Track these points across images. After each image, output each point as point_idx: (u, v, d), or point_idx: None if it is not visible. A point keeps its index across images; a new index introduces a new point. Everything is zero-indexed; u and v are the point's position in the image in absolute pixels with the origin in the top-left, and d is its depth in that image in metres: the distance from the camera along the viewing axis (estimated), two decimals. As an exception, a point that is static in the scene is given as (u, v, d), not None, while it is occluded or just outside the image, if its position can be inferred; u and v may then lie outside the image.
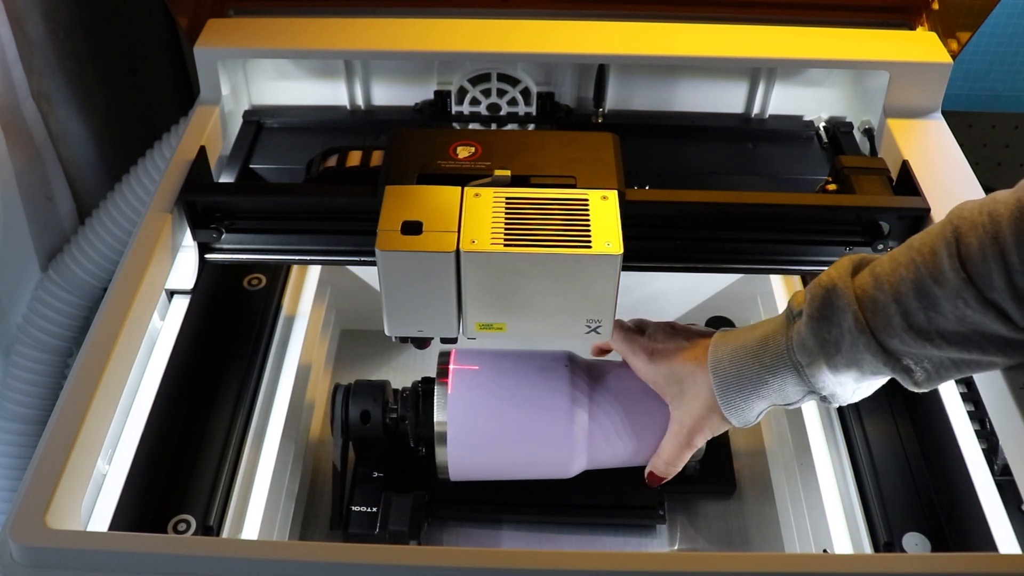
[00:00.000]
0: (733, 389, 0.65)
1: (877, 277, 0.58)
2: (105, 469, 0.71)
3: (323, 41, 0.91)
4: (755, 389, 0.64)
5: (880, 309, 0.57)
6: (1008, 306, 0.53)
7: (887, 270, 0.58)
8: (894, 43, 0.91)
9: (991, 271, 0.53)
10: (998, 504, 0.69)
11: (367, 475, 0.84)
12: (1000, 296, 0.53)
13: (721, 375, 0.65)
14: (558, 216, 0.67)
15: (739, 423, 0.67)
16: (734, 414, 0.66)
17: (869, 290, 0.58)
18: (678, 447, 0.70)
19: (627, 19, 0.93)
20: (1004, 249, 0.52)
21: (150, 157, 1.00)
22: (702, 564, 0.57)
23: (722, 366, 0.65)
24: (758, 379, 0.64)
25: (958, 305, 0.54)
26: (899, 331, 0.57)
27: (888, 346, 0.58)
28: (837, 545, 0.72)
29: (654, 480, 0.74)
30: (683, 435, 0.69)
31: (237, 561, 0.56)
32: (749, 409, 0.65)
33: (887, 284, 0.57)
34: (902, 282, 0.56)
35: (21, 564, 0.56)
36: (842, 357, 0.60)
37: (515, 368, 0.76)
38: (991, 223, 0.53)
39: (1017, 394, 0.62)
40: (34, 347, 1.02)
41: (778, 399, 0.64)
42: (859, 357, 0.59)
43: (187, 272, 0.80)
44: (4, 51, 0.92)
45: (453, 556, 0.56)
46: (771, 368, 0.63)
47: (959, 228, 0.55)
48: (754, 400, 0.65)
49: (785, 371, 0.62)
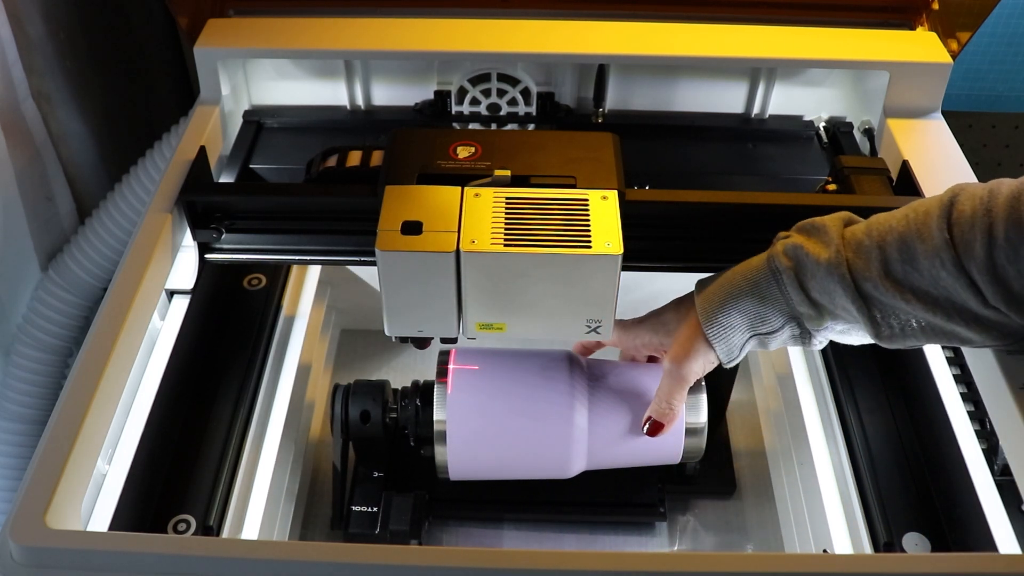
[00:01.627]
0: (714, 305, 0.65)
1: (869, 225, 0.62)
2: (105, 469, 0.71)
3: (323, 41, 0.91)
4: (735, 301, 0.65)
5: (862, 251, 0.60)
6: (980, 279, 0.55)
7: (881, 221, 0.61)
8: (894, 43, 0.91)
9: (974, 240, 0.55)
10: (998, 504, 0.69)
11: (367, 475, 0.84)
12: (976, 267, 0.55)
13: (703, 294, 0.67)
14: (558, 216, 0.67)
15: (723, 350, 0.66)
16: (716, 333, 0.66)
17: (858, 235, 0.61)
18: (671, 382, 0.70)
19: (627, 19, 0.93)
20: (993, 222, 0.55)
21: (150, 157, 1.00)
22: (702, 564, 0.57)
23: (704, 285, 0.68)
24: (738, 290, 0.65)
25: (935, 264, 0.57)
26: (875, 275, 0.59)
27: (862, 288, 0.60)
28: (837, 545, 0.72)
29: (654, 427, 0.73)
30: (674, 370, 0.69)
31: (237, 561, 0.56)
32: (730, 329, 0.65)
33: (876, 232, 0.60)
34: (890, 231, 0.59)
35: (21, 564, 0.56)
36: (816, 282, 0.61)
37: (515, 368, 0.76)
38: (989, 197, 0.56)
39: (1017, 394, 0.62)
40: (34, 347, 1.02)
41: (757, 320, 0.65)
42: (832, 289, 0.61)
43: (187, 272, 0.80)
44: (4, 51, 0.92)
45: (454, 556, 0.56)
46: (751, 279, 0.64)
47: (958, 195, 0.58)
48: (734, 316, 0.65)
49: (764, 282, 0.64)
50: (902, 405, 0.78)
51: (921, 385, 0.78)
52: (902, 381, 0.79)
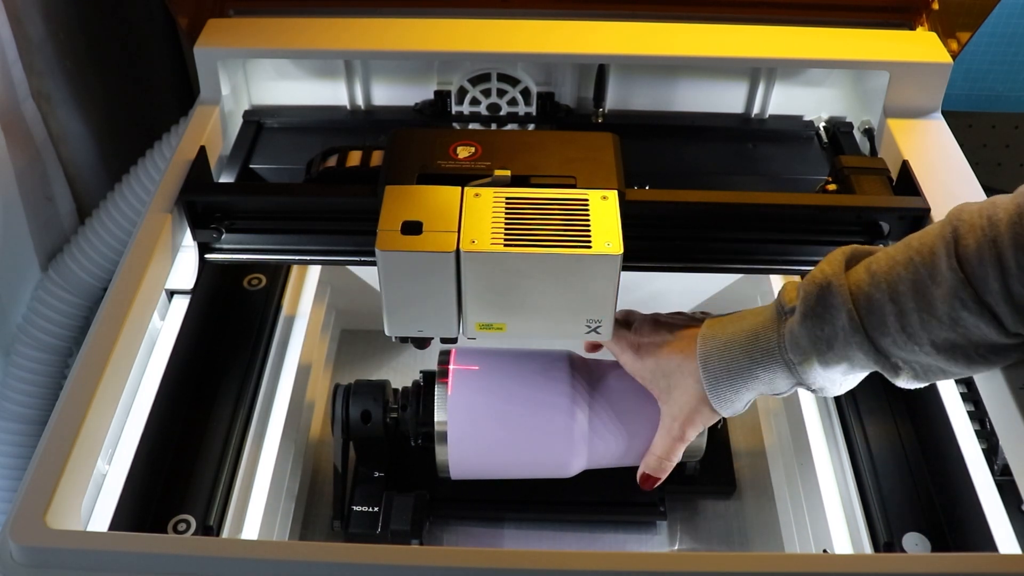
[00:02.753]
0: (723, 383, 0.65)
1: (874, 275, 0.58)
2: (105, 469, 0.71)
3: (323, 41, 0.91)
4: (745, 383, 0.64)
5: (875, 308, 0.57)
6: (1001, 310, 0.54)
7: (884, 268, 0.58)
8: (894, 43, 0.91)
9: (987, 274, 0.53)
10: (998, 504, 0.69)
11: (368, 475, 0.84)
12: (994, 299, 0.53)
13: (710, 370, 0.65)
14: (558, 216, 0.67)
15: (728, 414, 0.67)
16: (723, 406, 0.66)
17: (864, 287, 0.58)
18: (670, 442, 0.70)
19: (627, 19, 0.93)
20: (1001, 253, 0.53)
21: (150, 157, 1.00)
22: (702, 564, 0.57)
23: (711, 361, 0.65)
24: (748, 374, 0.64)
25: (954, 306, 0.54)
26: (892, 331, 0.57)
27: (880, 345, 0.58)
28: (837, 545, 0.72)
29: (648, 482, 0.73)
30: (674, 429, 0.69)
31: (237, 561, 0.56)
32: (738, 400, 0.66)
33: (884, 282, 0.57)
34: (900, 280, 0.56)
35: (21, 564, 0.56)
36: (833, 354, 0.60)
37: (515, 367, 0.76)
38: (990, 227, 0.53)
39: (1017, 394, 0.62)
40: (34, 347, 1.02)
41: (767, 390, 0.65)
42: (850, 354, 0.59)
43: (187, 272, 0.80)
44: (4, 51, 0.92)
45: (455, 556, 0.56)
46: (761, 364, 0.63)
47: (958, 229, 0.55)
48: (743, 392, 0.65)
49: (775, 367, 0.63)
50: (902, 405, 0.78)
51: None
52: (902, 381, 0.79)
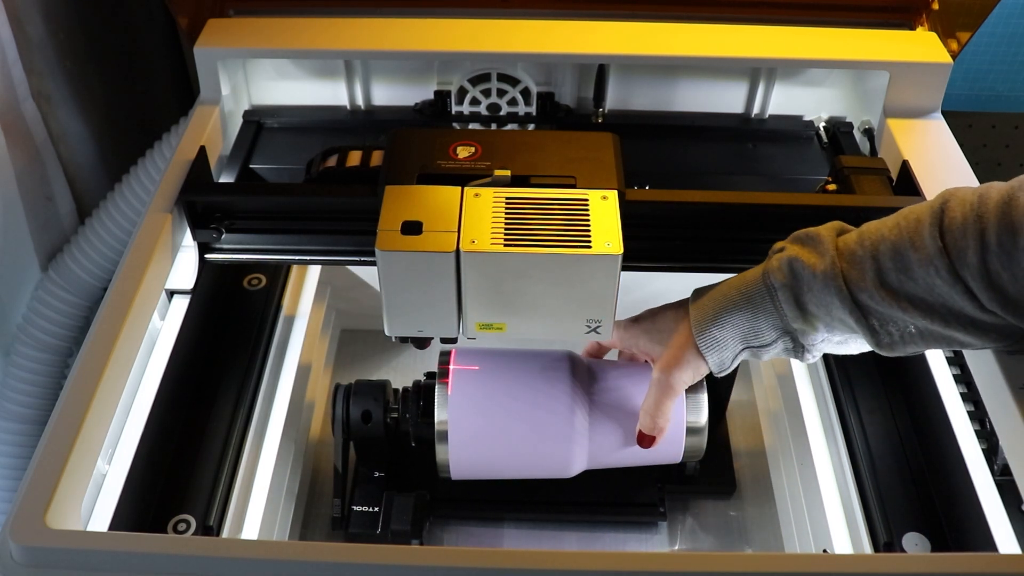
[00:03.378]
0: (708, 316, 0.66)
1: (861, 234, 0.61)
2: (105, 469, 0.71)
3: (323, 41, 0.91)
4: (729, 314, 0.65)
5: (856, 261, 0.60)
6: (975, 285, 0.55)
7: (872, 230, 0.61)
8: (894, 43, 0.91)
9: (967, 247, 0.55)
10: (998, 504, 0.69)
11: (368, 475, 0.84)
12: (970, 273, 0.55)
13: (698, 303, 0.67)
14: (558, 216, 0.67)
15: (714, 361, 0.66)
16: (708, 345, 0.66)
17: (851, 245, 0.61)
18: (658, 393, 0.70)
19: (627, 19, 0.93)
20: (985, 228, 0.54)
21: (150, 157, 1.00)
22: (702, 564, 0.57)
23: (699, 295, 0.68)
24: (732, 303, 0.65)
25: (929, 272, 0.56)
26: (870, 286, 0.59)
27: (858, 299, 0.60)
28: (837, 545, 0.72)
29: (643, 440, 0.73)
30: (662, 379, 0.69)
31: (237, 561, 0.56)
32: (723, 341, 0.66)
33: (868, 241, 0.60)
34: (882, 241, 0.59)
35: (21, 564, 0.56)
36: (813, 296, 0.61)
37: (516, 367, 0.76)
38: (979, 203, 0.56)
39: (1017, 394, 0.62)
40: (34, 347, 1.02)
41: (751, 334, 0.65)
42: (828, 301, 0.61)
43: (187, 272, 0.80)
44: (4, 51, 0.92)
45: (455, 556, 0.56)
46: (745, 293, 0.64)
47: (948, 202, 0.57)
48: (728, 328, 0.65)
49: (759, 297, 0.64)
50: (902, 405, 0.78)
51: (921, 385, 0.78)
52: (902, 381, 0.79)
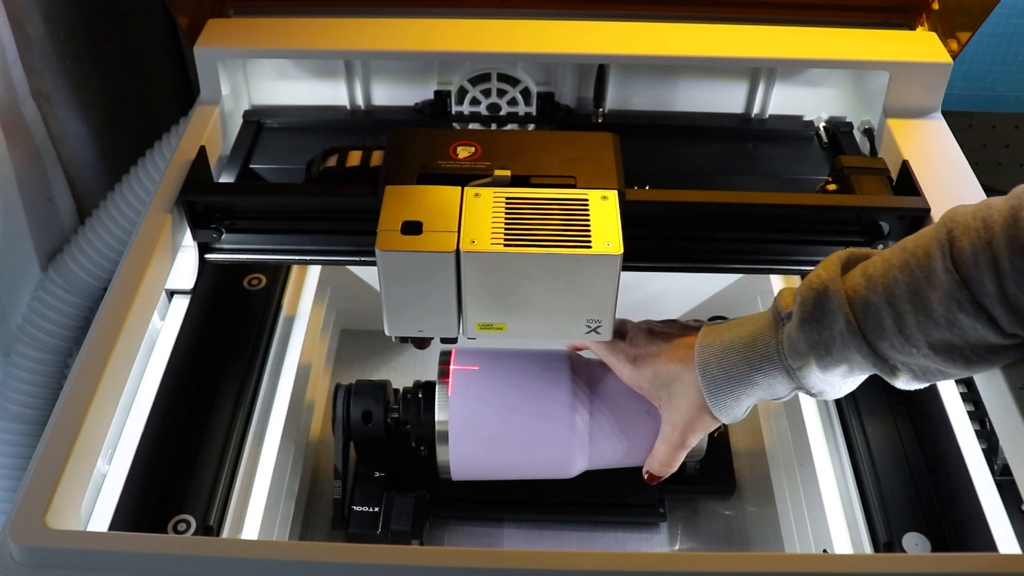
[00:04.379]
0: (723, 390, 0.65)
1: (870, 278, 0.58)
2: (105, 469, 0.71)
3: (323, 41, 0.91)
4: (744, 389, 0.64)
5: (872, 311, 0.57)
6: (997, 312, 0.54)
7: (880, 271, 0.58)
8: (894, 43, 0.91)
9: (983, 276, 0.53)
10: (998, 504, 0.69)
11: (368, 475, 0.84)
12: (990, 301, 0.54)
13: (709, 378, 0.65)
14: (558, 216, 0.66)
15: (728, 420, 0.67)
16: (723, 413, 0.66)
17: (861, 291, 0.58)
18: (671, 448, 0.70)
19: (627, 19, 0.93)
20: (996, 256, 0.53)
21: (150, 157, 1.00)
22: (702, 564, 0.57)
23: (710, 368, 0.65)
24: (747, 380, 0.64)
25: (951, 308, 0.54)
26: (889, 335, 0.57)
27: (878, 348, 0.58)
28: (837, 545, 0.72)
29: (652, 480, 0.74)
30: (675, 437, 0.69)
31: (237, 561, 0.56)
32: (738, 407, 0.66)
33: (880, 285, 0.57)
34: (896, 284, 0.56)
35: (21, 564, 0.56)
36: (832, 359, 0.60)
37: (516, 368, 0.76)
38: (984, 229, 0.54)
39: (1017, 394, 0.62)
40: (34, 347, 1.02)
41: (766, 396, 0.65)
42: (849, 357, 0.59)
43: (187, 272, 0.80)
44: (4, 51, 0.92)
45: (455, 556, 0.56)
46: (760, 369, 0.63)
47: (952, 232, 0.55)
48: (743, 399, 0.65)
49: (774, 372, 0.63)
50: (902, 405, 0.78)
51: (921, 385, 0.78)
52: (902, 381, 0.79)
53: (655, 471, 0.73)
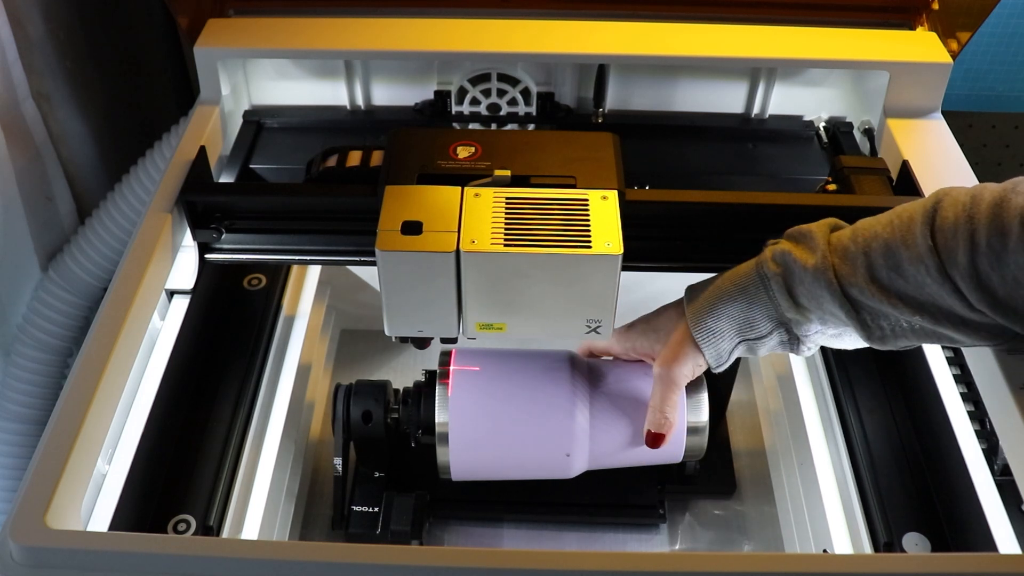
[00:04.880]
0: (704, 308, 0.66)
1: (855, 231, 0.62)
2: (105, 469, 0.71)
3: (323, 41, 0.91)
4: (724, 305, 0.65)
5: (848, 257, 0.61)
6: (964, 285, 0.56)
7: (866, 226, 0.62)
8: (894, 43, 0.91)
9: (957, 246, 0.55)
10: (998, 504, 0.69)
11: (368, 475, 0.84)
12: (959, 274, 0.56)
13: (693, 297, 0.68)
14: (558, 216, 0.67)
15: (712, 355, 0.67)
16: (704, 337, 0.66)
17: (844, 240, 0.62)
18: (662, 389, 0.70)
19: (627, 19, 0.93)
20: (975, 229, 0.55)
21: (150, 157, 1.00)
22: (702, 564, 0.57)
23: (694, 291, 0.69)
24: (727, 295, 0.65)
25: (919, 270, 0.57)
26: (861, 281, 0.60)
27: (848, 293, 0.61)
28: (837, 545, 0.72)
29: (653, 439, 0.73)
30: (664, 374, 0.69)
31: (237, 561, 0.56)
32: (719, 333, 0.66)
33: (861, 238, 0.61)
34: (875, 238, 0.60)
35: (21, 564, 0.56)
36: (804, 288, 0.62)
37: (516, 368, 0.76)
38: (971, 203, 0.56)
39: (1017, 394, 0.62)
40: (34, 347, 1.02)
41: (746, 325, 0.65)
42: (819, 294, 0.61)
43: (187, 272, 0.80)
44: (4, 51, 0.92)
45: (455, 556, 0.56)
46: (739, 284, 0.65)
47: (941, 202, 0.58)
48: (723, 320, 0.66)
49: (753, 287, 0.64)
50: (902, 405, 0.78)
51: (921, 385, 0.78)
52: (902, 381, 0.79)
53: (654, 425, 0.72)
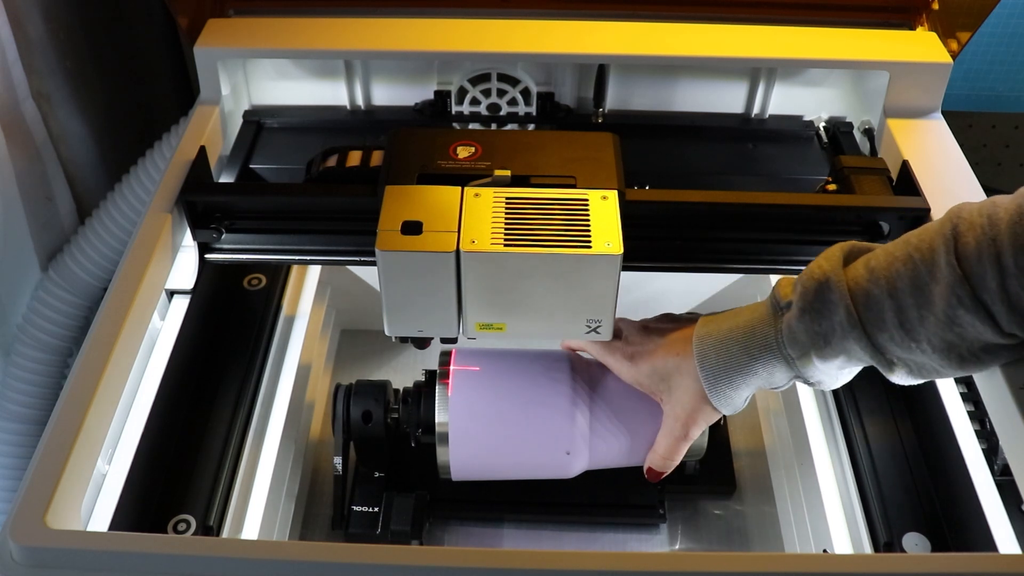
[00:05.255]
0: (722, 380, 0.65)
1: (872, 270, 0.58)
2: (105, 469, 0.71)
3: (323, 41, 0.91)
4: (743, 379, 0.64)
5: (873, 303, 0.58)
6: (997, 309, 0.54)
7: (883, 263, 0.58)
8: (894, 43, 0.91)
9: (985, 272, 0.53)
10: (998, 504, 0.69)
11: (368, 475, 0.84)
12: (991, 298, 0.54)
13: (709, 368, 0.65)
14: (558, 216, 0.67)
15: (728, 411, 0.67)
16: (723, 403, 0.66)
17: (863, 283, 0.58)
18: (674, 441, 0.70)
19: (627, 19, 0.93)
20: (1000, 252, 0.53)
21: (150, 157, 1.00)
22: (702, 564, 0.57)
23: (708, 359, 0.65)
24: (746, 369, 0.64)
25: (951, 303, 0.55)
26: (890, 327, 0.57)
27: (877, 342, 0.59)
28: (837, 545, 0.72)
29: (653, 476, 0.73)
30: (677, 429, 0.69)
31: (237, 561, 0.56)
32: (737, 397, 0.66)
33: (883, 278, 0.57)
34: (898, 277, 0.57)
35: (21, 564, 0.56)
36: (831, 349, 0.60)
37: (516, 368, 0.76)
38: (990, 226, 0.54)
39: (1017, 394, 0.62)
40: (34, 347, 1.02)
41: (765, 385, 0.65)
42: (848, 348, 0.60)
43: (187, 272, 0.80)
44: (4, 51, 0.92)
45: (455, 556, 0.56)
46: (759, 359, 0.63)
47: (958, 227, 0.55)
48: (742, 388, 0.65)
49: (773, 361, 0.63)
50: (902, 405, 0.78)
51: (921, 385, 0.77)
52: (902, 381, 0.79)
53: (656, 465, 0.72)
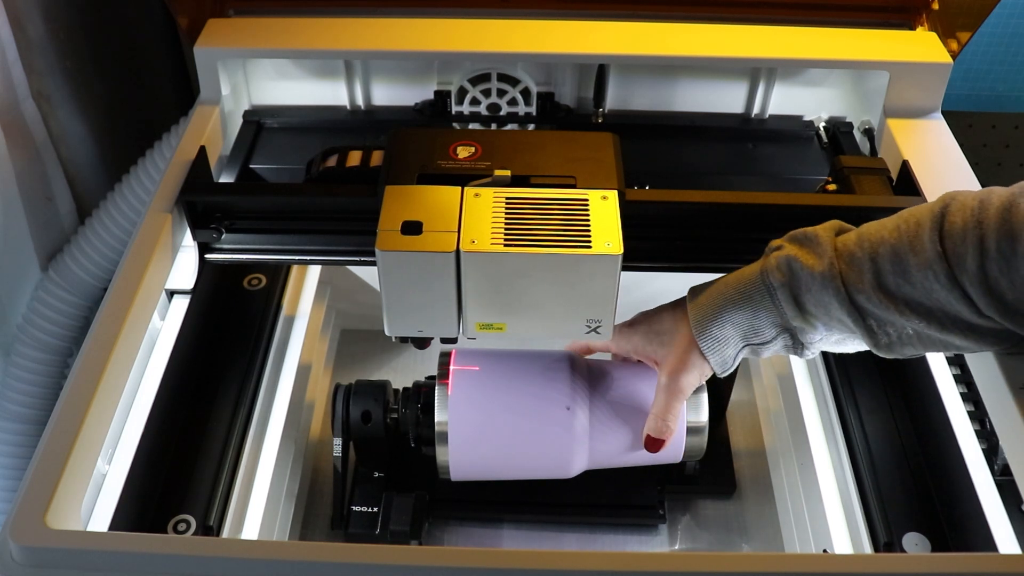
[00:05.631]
0: (708, 316, 0.66)
1: (861, 236, 0.61)
2: (105, 469, 0.71)
3: (323, 41, 0.91)
4: (728, 313, 0.65)
5: (855, 263, 0.60)
6: (973, 291, 0.55)
7: (872, 231, 0.61)
8: (894, 43, 0.91)
9: (966, 252, 0.55)
10: (998, 504, 0.69)
11: (368, 475, 0.84)
12: (968, 279, 0.55)
13: (696, 303, 0.67)
14: (558, 216, 0.67)
15: (717, 361, 0.67)
16: (710, 345, 0.66)
17: (850, 246, 0.61)
18: (666, 396, 0.70)
19: (627, 19, 0.93)
20: (984, 234, 0.54)
21: (150, 157, 1.00)
22: (702, 564, 0.57)
23: (696, 294, 0.68)
24: (731, 302, 0.65)
25: (927, 276, 0.57)
26: (868, 288, 0.59)
27: (855, 300, 0.60)
28: (837, 545, 0.72)
29: (652, 444, 0.73)
30: (668, 383, 0.69)
31: (237, 561, 0.56)
32: (724, 340, 0.66)
33: (867, 243, 0.60)
34: (882, 243, 0.59)
35: (21, 564, 0.56)
36: (811, 296, 0.62)
37: (516, 368, 0.76)
38: (980, 208, 0.55)
39: (1017, 394, 0.62)
40: (34, 347, 1.02)
41: (751, 332, 0.65)
42: (826, 301, 0.61)
43: (187, 272, 0.80)
44: (4, 51, 0.92)
45: (454, 556, 0.56)
46: (744, 291, 0.65)
47: (949, 206, 0.57)
48: (728, 327, 0.65)
49: (758, 295, 0.64)
50: (902, 405, 0.78)
51: (921, 385, 0.78)
52: (902, 381, 0.79)
53: (654, 431, 0.72)
